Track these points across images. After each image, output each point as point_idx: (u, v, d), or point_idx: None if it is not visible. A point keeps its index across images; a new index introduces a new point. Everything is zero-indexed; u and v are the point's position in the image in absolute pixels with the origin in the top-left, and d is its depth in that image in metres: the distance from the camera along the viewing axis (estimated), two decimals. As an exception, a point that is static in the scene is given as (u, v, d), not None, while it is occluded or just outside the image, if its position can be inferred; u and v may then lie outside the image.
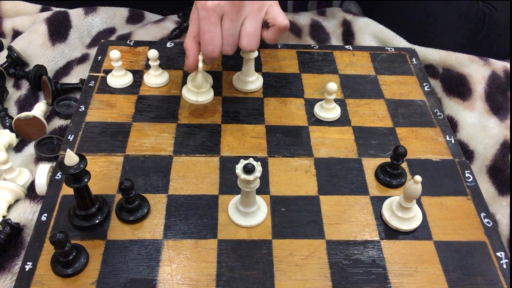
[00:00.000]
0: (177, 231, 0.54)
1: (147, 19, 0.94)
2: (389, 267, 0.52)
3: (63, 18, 0.84)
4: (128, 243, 0.53)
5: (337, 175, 0.61)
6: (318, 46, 0.83)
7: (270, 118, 0.68)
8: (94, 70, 0.75)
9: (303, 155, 0.63)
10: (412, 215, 0.55)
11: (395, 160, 0.58)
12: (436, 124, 0.69)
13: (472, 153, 0.69)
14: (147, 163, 0.61)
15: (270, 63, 0.79)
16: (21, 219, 0.58)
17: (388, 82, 0.76)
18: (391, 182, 0.60)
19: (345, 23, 0.91)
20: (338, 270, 0.51)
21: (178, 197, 0.57)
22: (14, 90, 0.76)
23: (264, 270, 0.51)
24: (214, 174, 0.60)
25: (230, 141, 0.65)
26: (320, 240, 0.54)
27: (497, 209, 0.61)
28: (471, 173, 0.62)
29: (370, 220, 0.56)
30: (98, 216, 0.54)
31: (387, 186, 0.60)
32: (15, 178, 0.61)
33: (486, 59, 0.80)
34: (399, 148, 0.57)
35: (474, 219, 0.57)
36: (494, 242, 0.55)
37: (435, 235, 0.55)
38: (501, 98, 0.75)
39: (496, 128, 0.70)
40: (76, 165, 0.48)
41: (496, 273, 0.52)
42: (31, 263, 0.50)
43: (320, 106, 0.69)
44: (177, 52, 0.80)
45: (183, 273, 0.50)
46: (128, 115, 0.68)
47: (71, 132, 0.65)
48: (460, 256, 0.53)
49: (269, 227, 0.55)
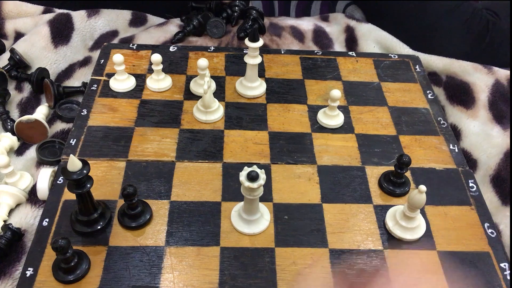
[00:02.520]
0: (180, 238, 0.54)
1: (150, 22, 0.93)
2: (393, 277, 0.51)
3: (66, 21, 0.84)
4: (130, 250, 0.52)
5: (340, 183, 0.61)
6: (322, 52, 0.83)
7: (273, 124, 0.68)
8: (97, 74, 0.75)
9: (306, 162, 0.63)
10: (416, 224, 0.55)
11: (399, 169, 0.58)
12: (439, 132, 0.69)
13: (475, 162, 0.68)
14: (150, 169, 0.61)
15: (273, 68, 0.78)
16: (22, 224, 0.57)
17: (391, 90, 0.76)
18: (395, 190, 0.59)
19: (348, 29, 0.91)
20: (341, 279, 0.51)
21: (181, 203, 0.57)
22: (16, 93, 0.76)
23: (267, 279, 0.50)
24: (216, 181, 0.60)
25: (233, 148, 0.64)
26: (323, 248, 0.53)
27: (500, 219, 0.61)
28: (474, 182, 0.62)
29: (374, 229, 0.56)
30: (100, 222, 0.54)
31: (391, 194, 0.60)
32: (16, 182, 0.60)
33: (490, 67, 0.79)
34: (403, 157, 0.57)
35: (477, 229, 0.57)
36: (498, 252, 0.54)
37: (439, 245, 0.55)
38: (505, 107, 0.75)
39: (499, 137, 0.70)
40: (79, 171, 0.47)
41: (500, 284, 0.51)
42: (32, 268, 0.50)
43: (323, 113, 0.69)
44: (180, 57, 0.79)
45: (185, 281, 0.50)
46: (131, 120, 0.67)
47: (73, 136, 0.64)
48: (463, 267, 0.53)
49: (272, 235, 0.54)
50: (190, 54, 0.80)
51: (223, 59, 0.80)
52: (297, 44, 0.89)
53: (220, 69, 0.78)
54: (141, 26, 0.92)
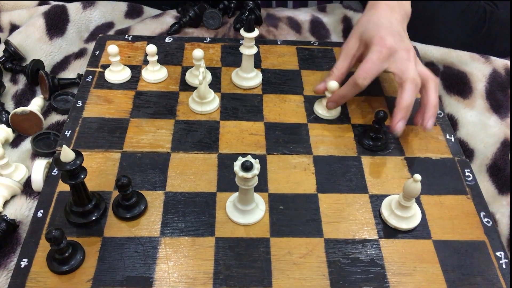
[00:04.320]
0: (174, 228, 0.53)
1: (146, 13, 0.93)
2: (388, 266, 0.51)
3: (61, 12, 0.84)
4: (124, 240, 0.52)
5: (336, 173, 0.61)
6: (318, 43, 0.82)
7: (269, 115, 0.68)
8: (92, 65, 0.74)
9: (302, 152, 0.63)
10: (411, 214, 0.54)
11: (377, 124, 0.62)
12: (436, 122, 0.68)
13: (472, 152, 0.68)
14: (145, 160, 0.61)
15: (269, 59, 0.78)
16: (17, 215, 0.57)
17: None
18: (376, 144, 0.63)
19: (346, 19, 0.91)
20: (336, 268, 0.51)
21: (176, 194, 0.57)
22: (11, 85, 0.76)
23: (262, 269, 0.50)
24: (212, 171, 0.60)
25: (228, 138, 0.64)
26: (319, 238, 0.53)
27: (496, 208, 0.61)
28: (471, 172, 0.62)
29: (369, 219, 0.56)
30: (94, 213, 0.53)
31: (370, 150, 0.63)
32: (11, 173, 0.60)
33: (487, 57, 0.79)
34: (380, 112, 0.61)
35: (473, 218, 0.57)
36: (494, 241, 0.54)
37: (434, 234, 0.55)
38: (502, 96, 0.74)
39: (496, 127, 0.70)
40: (72, 161, 0.47)
41: (496, 273, 0.51)
42: (27, 259, 0.50)
43: (320, 103, 0.68)
44: (175, 48, 0.79)
45: (180, 271, 0.50)
46: (126, 111, 0.67)
47: (68, 128, 0.64)
48: (459, 256, 0.53)
49: (267, 225, 0.54)
50: (186, 45, 0.80)
51: (219, 50, 0.79)
52: (294, 35, 0.89)
53: (216, 60, 0.77)
54: (137, 17, 0.92)
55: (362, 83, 0.62)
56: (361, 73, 0.62)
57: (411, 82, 0.60)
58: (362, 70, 0.62)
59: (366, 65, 0.62)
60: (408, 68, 0.61)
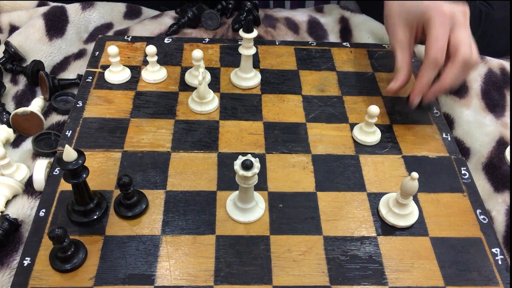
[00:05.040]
0: (175, 227, 0.54)
1: (144, 14, 0.93)
2: (386, 263, 0.52)
3: (60, 13, 0.84)
4: (126, 239, 0.53)
5: (334, 171, 0.61)
6: (316, 43, 0.83)
7: (268, 114, 0.69)
8: (92, 66, 0.75)
9: (301, 151, 0.63)
10: (409, 211, 0.55)
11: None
12: (432, 121, 0.69)
13: (468, 150, 0.69)
14: (145, 159, 0.61)
15: (268, 59, 0.79)
16: (19, 215, 0.58)
17: (385, 80, 0.76)
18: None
19: (343, 20, 0.92)
20: (335, 265, 0.52)
21: (176, 193, 0.58)
22: (11, 86, 0.76)
23: (262, 266, 0.51)
24: (212, 170, 0.60)
25: (228, 138, 0.65)
26: (318, 236, 0.54)
27: (492, 205, 0.62)
28: (467, 170, 0.63)
29: (367, 217, 0.57)
30: (96, 211, 0.54)
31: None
32: (12, 173, 0.61)
33: (483, 57, 0.80)
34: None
35: (470, 215, 0.57)
36: (490, 238, 0.55)
37: (431, 231, 0.55)
38: (497, 95, 0.75)
39: (492, 126, 0.71)
40: (74, 161, 0.48)
41: (491, 269, 0.52)
42: (30, 258, 0.50)
43: (359, 129, 0.66)
44: (175, 48, 0.80)
45: (181, 269, 0.50)
46: (126, 111, 0.68)
47: (69, 128, 0.64)
48: (455, 252, 0.54)
49: (267, 223, 0.55)
50: (185, 45, 0.80)
51: (217, 51, 0.80)
52: (292, 35, 0.89)
53: (215, 60, 0.78)
54: (136, 18, 0.92)
55: (440, 62, 0.60)
56: (436, 51, 0.59)
57: (460, 63, 0.58)
58: (436, 49, 0.59)
59: (438, 44, 0.59)
60: (465, 44, 0.59)
